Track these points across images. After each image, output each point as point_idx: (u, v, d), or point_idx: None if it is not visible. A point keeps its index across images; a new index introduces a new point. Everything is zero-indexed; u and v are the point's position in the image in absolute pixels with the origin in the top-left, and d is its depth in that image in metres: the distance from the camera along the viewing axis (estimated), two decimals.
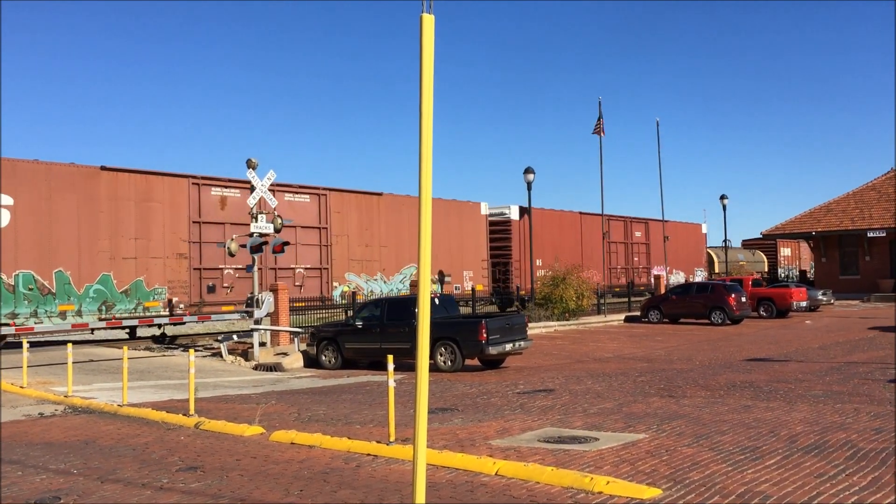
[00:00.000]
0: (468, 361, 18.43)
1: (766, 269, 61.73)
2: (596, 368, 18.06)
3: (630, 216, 45.58)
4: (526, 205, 34.31)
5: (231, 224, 24.45)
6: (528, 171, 34.95)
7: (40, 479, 8.54)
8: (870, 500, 6.47)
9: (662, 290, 38.24)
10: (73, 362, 15.39)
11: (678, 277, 47.72)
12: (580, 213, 41.38)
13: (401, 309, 19.56)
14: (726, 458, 8.07)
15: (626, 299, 39.31)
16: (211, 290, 24.18)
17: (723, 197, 48.05)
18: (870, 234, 47.32)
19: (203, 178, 24.58)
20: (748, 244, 65.03)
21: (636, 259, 45.34)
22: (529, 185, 34.95)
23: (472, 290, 32.10)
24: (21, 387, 15.80)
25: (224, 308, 24.48)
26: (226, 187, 25.01)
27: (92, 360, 20.41)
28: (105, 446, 10.26)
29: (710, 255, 55.19)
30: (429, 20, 5.15)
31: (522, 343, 19.08)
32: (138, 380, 16.94)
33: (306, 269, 27.22)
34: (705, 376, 15.59)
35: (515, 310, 34.79)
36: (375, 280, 29.42)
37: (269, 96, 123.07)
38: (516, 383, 15.39)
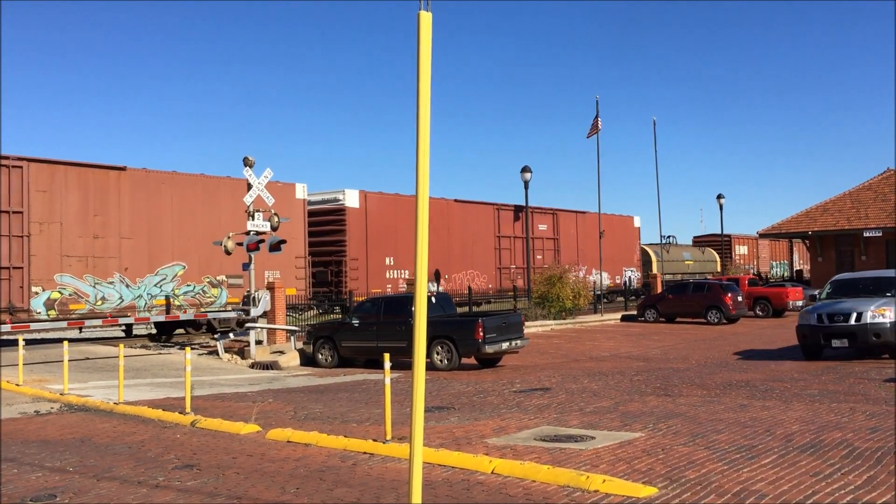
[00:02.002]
0: (465, 360, 18.44)
1: (719, 269, 55.94)
2: (592, 367, 18.07)
3: (533, 206, 38.28)
4: (358, 189, 30.06)
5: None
6: (525, 169, 34.99)
7: (36, 476, 8.53)
8: (865, 499, 6.48)
9: (659, 290, 38.27)
10: (70, 360, 15.37)
11: (601, 279, 41.45)
12: (455, 200, 34.87)
13: (397, 307, 19.55)
14: (722, 457, 8.07)
15: (623, 299, 39.40)
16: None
17: (719, 196, 48.17)
18: (866, 234, 47.39)
19: None
20: (700, 241, 60.39)
21: (539, 258, 38.56)
22: (526, 183, 34.99)
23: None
24: (17, 384, 15.77)
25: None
26: None
27: (88, 358, 20.37)
28: (101, 444, 10.24)
29: (646, 254, 49.25)
30: (426, 17, 5.14)
31: (519, 342, 19.09)
32: (134, 378, 16.92)
33: None
34: (701, 375, 15.60)
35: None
36: (111, 283, 22.12)
37: (266, 94, 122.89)
38: (513, 382, 15.39)
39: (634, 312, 35.36)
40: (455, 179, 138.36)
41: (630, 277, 44.74)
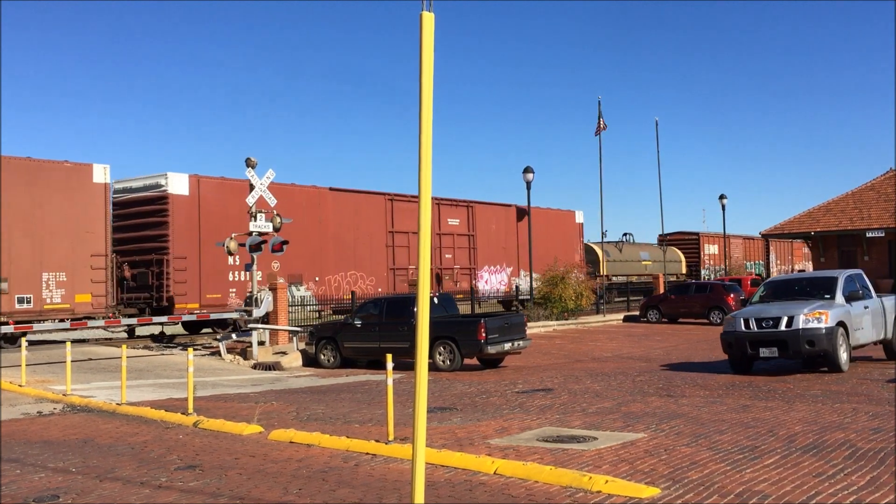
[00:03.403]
0: (467, 361, 18.44)
1: (685, 270, 52.00)
2: (594, 368, 18.06)
3: (440, 197, 33.59)
4: (187, 173, 25.05)
5: None
6: (527, 170, 34.95)
7: (39, 477, 8.54)
8: (868, 500, 6.47)
9: (661, 290, 38.28)
10: (72, 361, 15.38)
11: (527, 282, 36.30)
12: (331, 189, 29.28)
13: (400, 308, 19.56)
14: (725, 458, 8.07)
15: (625, 299, 39.36)
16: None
17: (722, 196, 48.10)
18: (868, 235, 47.33)
19: None
20: (666, 240, 55.17)
21: (449, 257, 33.85)
22: (529, 184, 34.95)
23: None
24: (20, 385, 15.79)
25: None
26: None
27: (91, 359, 20.39)
28: (103, 445, 10.26)
29: (592, 252, 44.47)
30: (429, 18, 5.14)
31: (521, 342, 19.08)
32: (137, 378, 16.93)
33: None
34: (703, 376, 15.59)
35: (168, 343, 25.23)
36: None
37: (268, 95, 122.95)
38: (515, 382, 15.39)
39: (637, 313, 35.39)
40: (455, 179, 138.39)
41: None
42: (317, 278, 28.29)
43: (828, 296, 15.70)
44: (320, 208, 28.60)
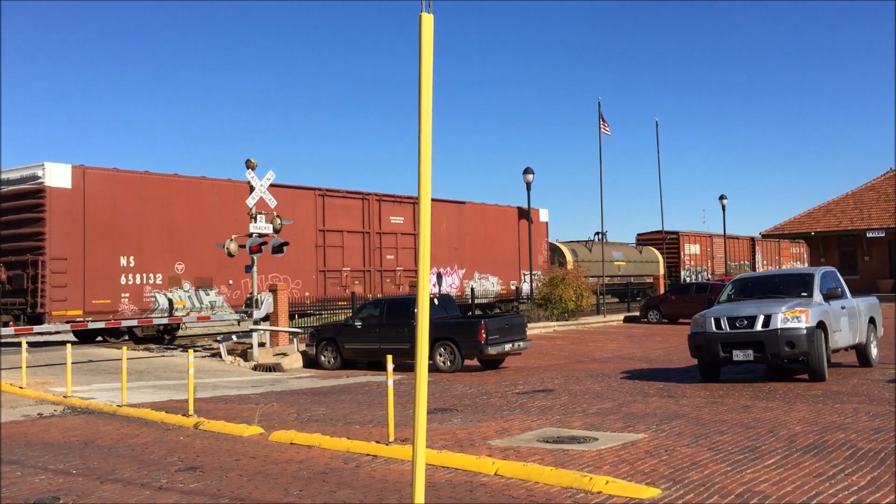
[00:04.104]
0: (467, 362, 18.44)
1: (663, 271, 48.26)
2: (595, 369, 18.06)
3: (380, 192, 30.53)
4: (70, 164, 21.99)
5: None
6: (527, 171, 34.97)
7: (39, 479, 8.54)
8: (868, 500, 6.47)
9: (661, 291, 38.32)
10: (73, 363, 15.39)
11: (483, 285, 33.91)
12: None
13: (400, 309, 19.57)
14: (725, 458, 8.07)
15: (626, 301, 39.38)
16: None
17: (722, 197, 48.14)
18: (869, 235, 47.42)
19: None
20: (644, 240, 52.06)
21: (391, 258, 30.76)
22: (529, 185, 34.97)
23: None
24: (20, 387, 15.79)
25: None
26: None
27: (91, 361, 20.38)
28: (104, 446, 10.26)
29: (559, 253, 41.05)
30: (428, 19, 5.15)
31: (521, 343, 19.09)
32: (137, 380, 16.94)
33: None
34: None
35: None
36: None
37: (266, 96, 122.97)
38: (515, 383, 15.39)
39: (637, 314, 35.45)
40: (455, 180, 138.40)
41: (532, 282, 35.44)
42: (230, 281, 25.15)
43: (805, 293, 14.44)
44: (236, 202, 24.15)
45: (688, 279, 48.62)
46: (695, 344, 14.23)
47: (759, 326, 13.55)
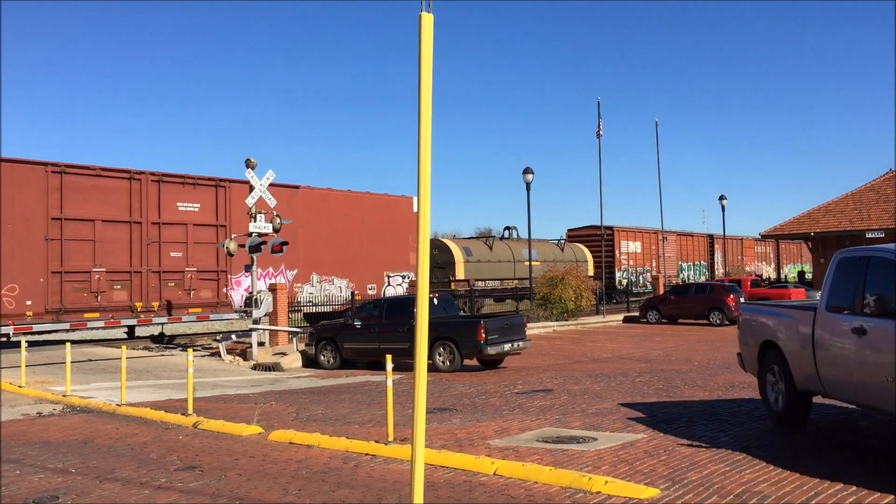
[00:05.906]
0: (467, 361, 18.44)
1: (592, 272, 43.37)
2: (594, 369, 18.05)
3: (159, 172, 23.86)
4: None
5: None
6: (526, 171, 34.96)
7: (38, 478, 8.54)
8: (868, 500, 6.47)
9: (661, 291, 38.34)
10: (72, 362, 15.38)
11: (326, 289, 28.56)
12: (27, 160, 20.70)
13: (399, 309, 19.57)
14: (724, 458, 8.07)
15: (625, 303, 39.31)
16: None
17: (721, 197, 48.12)
18: (868, 235, 47.35)
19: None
20: (576, 236, 47.13)
21: (178, 255, 24.57)
22: (528, 185, 34.96)
23: None
24: (19, 386, 15.79)
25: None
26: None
27: (90, 360, 20.39)
28: (103, 445, 10.26)
29: (446, 251, 36.93)
30: (427, 19, 5.14)
31: (521, 343, 19.09)
32: (137, 379, 16.94)
33: None
34: (703, 377, 15.58)
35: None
36: None
37: (266, 95, 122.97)
38: (515, 383, 15.39)
39: (636, 314, 35.50)
40: (456, 180, 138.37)
41: (401, 286, 31.12)
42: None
43: None
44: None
45: (623, 281, 44.42)
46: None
47: None
